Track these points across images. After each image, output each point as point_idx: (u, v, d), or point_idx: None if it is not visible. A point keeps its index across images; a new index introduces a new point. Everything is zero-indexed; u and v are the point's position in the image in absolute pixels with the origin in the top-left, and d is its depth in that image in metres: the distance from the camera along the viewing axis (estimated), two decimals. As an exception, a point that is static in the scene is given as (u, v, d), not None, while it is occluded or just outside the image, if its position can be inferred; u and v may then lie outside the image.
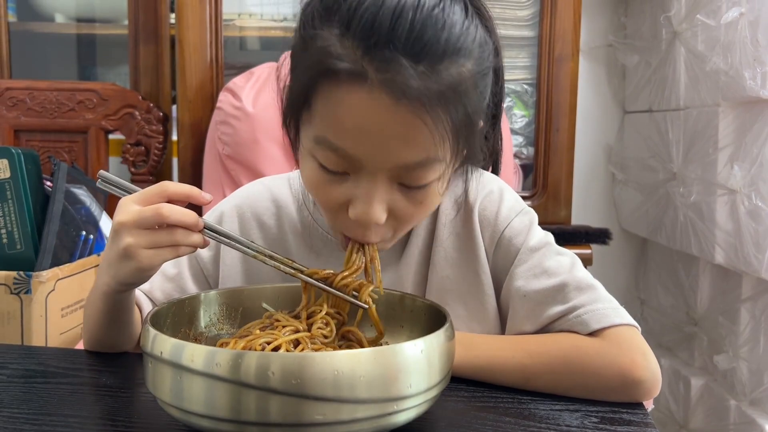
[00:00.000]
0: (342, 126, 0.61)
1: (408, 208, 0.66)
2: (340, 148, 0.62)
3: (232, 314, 0.73)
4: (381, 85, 0.58)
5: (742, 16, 1.37)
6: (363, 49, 0.59)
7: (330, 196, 0.66)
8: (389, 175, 0.64)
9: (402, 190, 0.65)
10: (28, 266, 1.17)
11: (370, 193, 0.63)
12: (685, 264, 1.75)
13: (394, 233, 0.69)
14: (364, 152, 0.62)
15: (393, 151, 0.61)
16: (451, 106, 0.60)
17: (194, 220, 0.64)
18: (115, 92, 1.67)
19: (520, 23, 1.69)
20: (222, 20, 1.60)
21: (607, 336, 0.69)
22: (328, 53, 0.60)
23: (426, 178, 0.64)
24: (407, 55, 0.58)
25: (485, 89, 0.66)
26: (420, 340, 0.55)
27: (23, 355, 0.81)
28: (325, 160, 0.64)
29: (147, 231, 0.63)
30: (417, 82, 0.58)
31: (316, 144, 0.64)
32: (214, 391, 0.51)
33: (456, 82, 0.60)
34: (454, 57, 0.60)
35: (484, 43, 0.65)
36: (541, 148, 1.66)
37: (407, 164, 0.62)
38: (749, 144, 1.40)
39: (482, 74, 0.64)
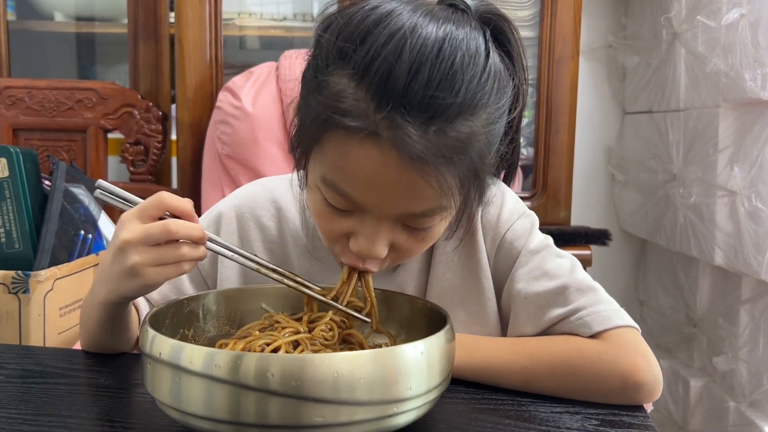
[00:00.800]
0: (350, 175, 0.61)
1: (409, 243, 0.66)
2: (348, 194, 0.62)
3: (231, 315, 0.72)
4: (391, 144, 0.58)
5: (742, 17, 1.37)
6: (375, 104, 0.58)
7: (333, 227, 0.66)
8: (395, 219, 0.64)
9: (405, 229, 0.65)
10: (27, 265, 1.17)
11: (373, 232, 0.64)
12: (685, 265, 1.75)
13: (391, 263, 0.69)
14: (371, 201, 0.62)
15: (400, 203, 0.62)
16: (458, 161, 0.60)
17: (200, 233, 0.63)
18: (114, 91, 1.67)
19: (521, 24, 1.68)
20: (222, 19, 1.60)
21: (609, 338, 0.69)
22: (339, 102, 0.59)
23: (431, 223, 0.65)
24: (420, 116, 0.57)
25: (499, 131, 0.65)
26: (420, 341, 0.54)
27: (21, 355, 0.80)
28: (332, 200, 0.64)
29: (152, 248, 0.62)
30: (426, 144, 0.57)
31: (323, 184, 0.64)
32: (213, 392, 0.51)
33: (466, 138, 0.60)
34: (467, 115, 0.59)
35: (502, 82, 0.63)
36: (540, 149, 1.66)
37: (412, 213, 0.63)
38: (749, 145, 1.40)
39: (495, 121, 0.63)
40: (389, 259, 0.68)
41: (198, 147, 1.57)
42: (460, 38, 0.60)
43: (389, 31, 0.58)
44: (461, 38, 0.60)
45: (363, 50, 0.58)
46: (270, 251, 0.81)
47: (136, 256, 0.61)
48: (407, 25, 0.59)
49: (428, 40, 0.58)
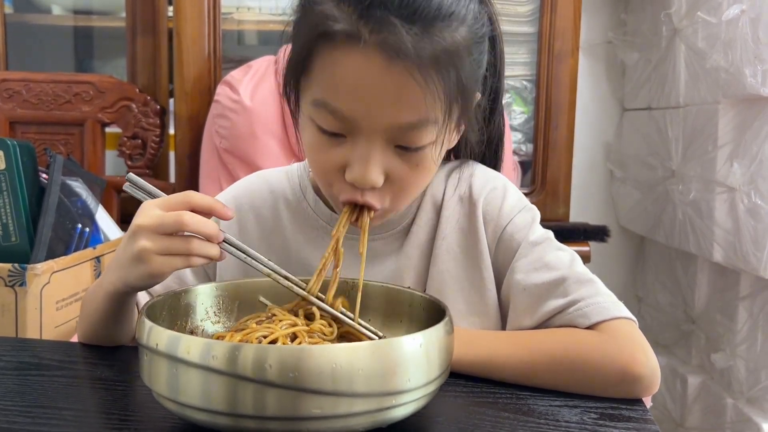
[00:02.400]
0: (338, 87, 0.63)
1: (405, 171, 0.67)
2: (337, 110, 0.64)
3: (228, 308, 0.72)
4: (375, 46, 0.61)
5: (743, 13, 1.37)
6: (358, 11, 0.61)
7: (328, 159, 0.68)
8: (385, 137, 0.65)
9: (398, 153, 0.67)
10: (23, 258, 1.16)
11: (366, 155, 0.65)
12: (684, 262, 1.75)
13: (391, 200, 0.70)
14: (360, 112, 0.64)
15: (387, 111, 0.63)
16: (443, 69, 0.62)
17: (214, 231, 0.64)
18: (112, 85, 1.66)
19: (520, 19, 1.68)
20: (220, 13, 1.59)
21: (607, 329, 0.69)
22: (324, 17, 0.63)
23: (421, 140, 0.66)
24: (400, 17, 0.61)
25: (480, 58, 0.69)
26: (419, 334, 0.54)
27: (17, 348, 0.80)
28: (323, 123, 0.66)
29: (164, 237, 0.62)
30: (409, 42, 0.60)
31: (314, 107, 0.66)
32: (210, 383, 0.51)
33: (449, 45, 0.63)
34: (446, 21, 0.63)
35: (478, 13, 0.67)
36: (540, 145, 1.65)
37: (401, 125, 0.64)
38: (749, 142, 1.39)
39: (476, 42, 0.67)
40: (388, 195, 0.69)
41: (196, 141, 1.56)
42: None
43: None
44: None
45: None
46: (266, 240, 0.82)
47: (146, 241, 0.62)
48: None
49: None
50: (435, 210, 0.80)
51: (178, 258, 0.63)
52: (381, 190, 0.68)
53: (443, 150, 0.70)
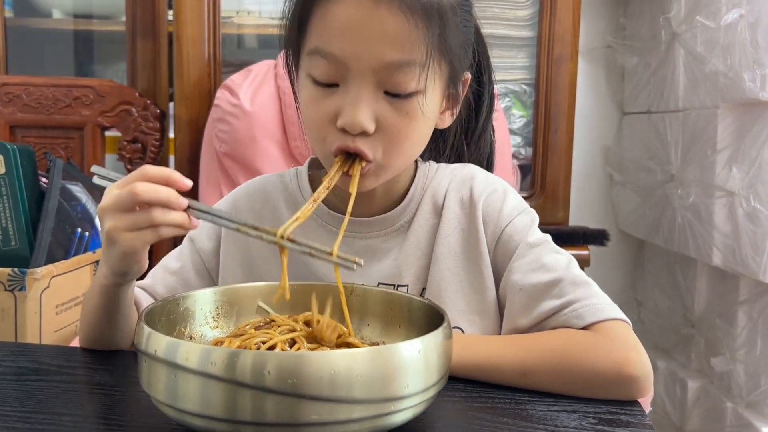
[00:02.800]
0: (330, 31, 0.69)
1: (395, 119, 0.70)
2: (329, 53, 0.69)
3: (227, 313, 0.72)
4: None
5: (741, 17, 1.37)
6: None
7: (321, 110, 0.71)
8: (374, 81, 0.69)
9: (387, 100, 0.70)
10: (23, 263, 1.17)
11: (356, 99, 0.69)
12: (683, 266, 1.75)
13: (383, 152, 0.72)
14: (350, 51, 0.68)
15: (374, 48, 0.68)
16: (428, 19, 0.68)
17: (169, 196, 0.63)
18: (112, 89, 1.67)
19: (519, 23, 1.68)
20: (220, 17, 1.59)
21: (601, 330, 0.70)
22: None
23: (406, 84, 0.69)
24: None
25: (466, 26, 0.75)
26: (417, 339, 0.54)
27: (16, 352, 0.80)
28: (316, 71, 0.70)
29: (126, 213, 0.63)
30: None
31: (309, 57, 0.71)
32: (209, 390, 0.51)
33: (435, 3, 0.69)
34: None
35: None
36: (539, 149, 1.66)
37: (387, 63, 0.68)
38: (748, 146, 1.40)
39: (462, 9, 0.73)
40: (380, 145, 0.71)
41: (196, 145, 1.56)
42: None
43: None
44: None
45: None
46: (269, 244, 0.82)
47: (110, 221, 0.64)
48: None
49: None
50: (435, 211, 0.81)
51: (146, 231, 0.63)
52: (372, 140, 0.70)
53: (434, 103, 0.74)
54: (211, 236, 0.84)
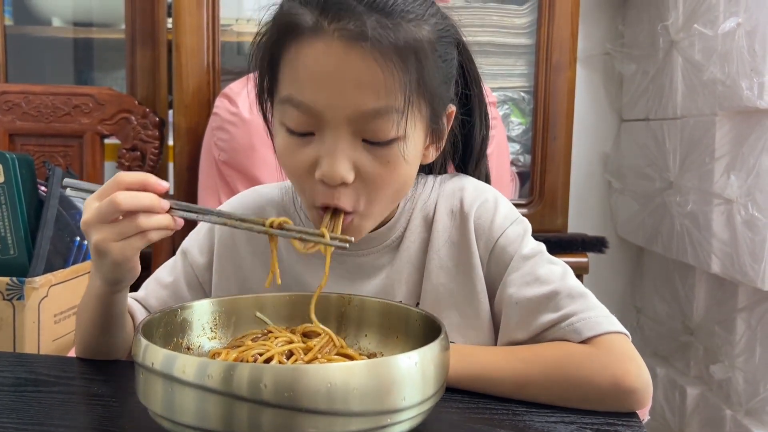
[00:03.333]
0: (302, 79, 0.66)
1: (375, 168, 0.68)
2: (302, 103, 0.66)
3: (225, 323, 0.72)
4: (336, 34, 0.64)
5: (739, 26, 1.37)
6: (320, 6, 0.65)
7: (298, 160, 0.69)
8: (351, 130, 0.66)
9: (366, 148, 0.68)
10: (21, 272, 1.17)
11: (333, 149, 0.66)
12: (682, 273, 1.75)
13: (365, 202, 0.70)
14: (323, 101, 0.65)
15: (348, 97, 0.65)
16: (403, 60, 0.65)
17: (151, 201, 0.64)
18: (111, 97, 1.67)
19: (518, 31, 1.69)
20: (219, 25, 1.60)
21: (599, 344, 0.69)
22: (288, 14, 0.67)
23: (385, 132, 0.66)
24: (360, 8, 0.64)
25: (447, 59, 0.72)
26: (414, 352, 0.54)
27: (14, 363, 0.80)
28: (291, 122, 0.68)
29: (110, 224, 0.63)
30: (369, 27, 0.63)
31: (281, 106, 0.69)
32: (205, 403, 0.51)
33: (410, 37, 0.65)
34: (408, 16, 0.66)
35: (441, 17, 0.71)
36: (538, 156, 1.66)
37: (363, 112, 0.65)
38: (746, 154, 1.40)
39: (441, 39, 0.70)
40: (362, 195, 0.69)
41: (195, 153, 1.56)
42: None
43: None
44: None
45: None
46: (261, 255, 0.82)
47: (97, 234, 0.64)
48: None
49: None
50: (426, 224, 0.80)
51: (134, 238, 0.64)
52: (353, 190, 0.68)
53: (416, 147, 0.71)
54: (204, 251, 0.83)
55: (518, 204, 1.65)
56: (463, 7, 1.72)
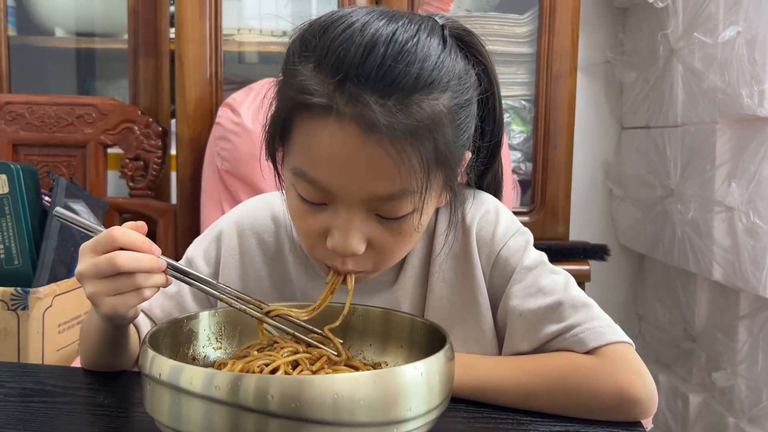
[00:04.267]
0: (315, 158, 0.63)
1: (387, 239, 0.67)
2: (315, 180, 0.64)
3: (230, 333, 0.72)
4: (350, 118, 0.60)
5: (739, 34, 1.38)
6: (335, 83, 0.61)
7: (310, 226, 0.68)
8: (365, 206, 0.65)
9: (380, 221, 0.66)
10: (26, 282, 1.17)
11: (347, 224, 0.65)
12: (683, 280, 1.75)
13: (374, 265, 0.70)
14: (337, 183, 0.63)
15: (364, 182, 0.63)
16: (419, 141, 0.61)
17: (152, 264, 0.64)
18: (114, 107, 1.68)
19: (519, 40, 1.69)
20: (222, 35, 1.60)
21: (604, 354, 0.69)
22: (302, 87, 0.62)
23: (400, 210, 0.65)
24: (376, 90, 0.60)
25: (466, 122, 0.67)
26: (420, 362, 0.54)
27: (20, 374, 0.80)
28: (303, 192, 0.66)
29: (107, 279, 0.63)
30: (383, 116, 0.59)
31: (294, 176, 0.66)
32: (212, 414, 0.51)
33: (427, 116, 0.62)
34: (425, 91, 0.62)
35: (465, 74, 0.67)
36: (539, 164, 1.66)
37: (379, 196, 0.63)
38: (747, 162, 1.40)
39: (461, 107, 0.66)
40: (371, 260, 0.68)
41: (198, 163, 1.57)
42: (414, 29, 0.64)
43: (347, 23, 0.63)
44: (414, 29, 0.64)
45: (323, 40, 0.63)
46: (270, 267, 0.82)
47: (91, 287, 0.63)
48: (362, 20, 0.63)
49: (380, 29, 0.62)
50: (428, 237, 0.80)
51: (130, 295, 0.64)
52: (363, 256, 0.67)
53: (429, 215, 0.70)
54: (210, 261, 0.82)
55: (519, 212, 1.65)
56: (465, 17, 1.73)
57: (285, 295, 0.81)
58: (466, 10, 1.77)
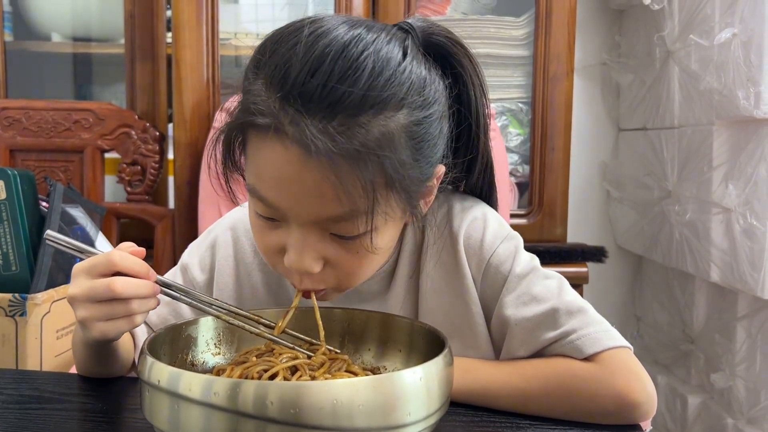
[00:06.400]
0: (264, 177, 0.62)
1: (344, 257, 0.65)
2: (265, 198, 0.63)
3: (229, 339, 0.72)
4: (292, 140, 0.58)
5: (735, 36, 1.39)
6: (279, 102, 0.59)
7: (268, 241, 0.67)
8: (317, 226, 0.63)
9: (335, 239, 0.64)
10: (24, 288, 1.17)
11: (300, 242, 0.63)
12: (681, 281, 1.76)
13: (337, 283, 0.68)
14: (285, 204, 0.62)
15: (310, 204, 0.61)
16: (364, 164, 0.58)
17: (148, 291, 0.63)
18: (111, 112, 1.68)
19: (515, 43, 1.70)
20: (219, 40, 1.60)
21: (601, 360, 0.69)
22: (251, 104, 0.61)
23: (351, 230, 0.63)
24: (319, 110, 0.58)
25: (429, 136, 0.64)
26: (419, 367, 0.54)
27: (18, 380, 0.80)
28: (258, 208, 0.65)
29: (100, 304, 0.62)
30: (322, 141, 0.57)
31: (249, 192, 0.65)
32: (211, 420, 0.51)
33: (374, 138, 0.59)
34: (374, 110, 0.59)
35: (428, 86, 0.63)
36: (536, 166, 1.66)
37: (326, 218, 0.62)
38: (743, 163, 1.41)
39: (419, 123, 0.62)
40: (331, 278, 0.67)
41: (195, 167, 1.57)
42: (368, 40, 0.60)
43: (298, 38, 0.60)
44: (369, 40, 0.60)
45: (273, 56, 0.61)
46: (265, 273, 0.82)
47: (83, 311, 0.63)
48: (318, 31, 0.60)
49: (334, 40, 0.59)
50: (416, 246, 0.78)
51: (122, 320, 0.63)
52: (324, 274, 0.66)
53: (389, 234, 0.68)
54: (205, 268, 0.82)
55: (517, 214, 1.66)
56: (461, 20, 1.74)
57: (281, 300, 0.81)
58: (462, 12, 1.77)
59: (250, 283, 0.81)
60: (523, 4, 1.69)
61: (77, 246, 0.66)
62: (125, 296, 0.62)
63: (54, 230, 1.21)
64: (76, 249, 0.66)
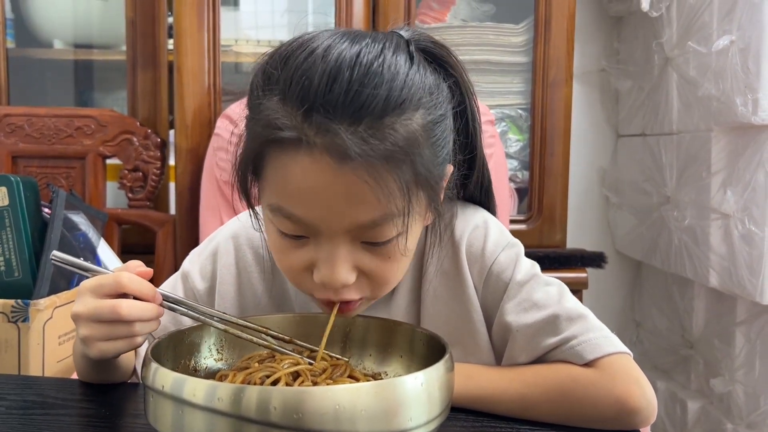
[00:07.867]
0: (291, 193, 0.61)
1: (376, 264, 0.65)
2: (294, 215, 0.62)
3: (231, 345, 0.73)
4: (322, 149, 0.59)
5: (732, 43, 1.39)
6: (302, 114, 0.59)
7: (293, 261, 0.66)
8: (349, 236, 0.63)
9: (365, 248, 0.64)
10: (26, 294, 1.17)
11: (332, 255, 0.63)
12: (680, 287, 1.76)
13: (372, 291, 0.68)
14: (316, 217, 0.62)
15: (344, 212, 0.61)
16: (397, 164, 0.60)
17: (152, 313, 0.64)
18: (113, 118, 1.68)
19: (515, 49, 1.71)
20: (220, 46, 1.61)
21: (602, 366, 0.69)
22: (270, 122, 0.60)
23: (385, 235, 0.63)
24: (345, 117, 0.58)
25: (443, 136, 0.66)
26: (420, 372, 0.55)
27: (22, 386, 0.80)
28: (283, 227, 0.64)
29: (103, 324, 0.63)
30: (356, 144, 0.58)
31: (271, 212, 0.64)
32: (215, 425, 0.52)
33: (401, 138, 0.60)
34: (397, 112, 0.60)
35: (436, 88, 0.65)
36: (535, 172, 1.67)
37: (362, 223, 0.62)
38: (742, 169, 1.41)
39: (435, 122, 0.64)
40: (366, 287, 0.67)
41: (196, 173, 1.58)
42: (377, 49, 0.62)
43: (308, 50, 0.61)
44: (379, 49, 0.62)
45: (285, 71, 0.61)
46: (267, 282, 0.82)
47: (86, 330, 0.63)
48: (324, 44, 0.61)
49: (343, 52, 0.60)
50: (418, 254, 0.78)
51: (123, 341, 0.64)
52: (358, 283, 0.66)
53: (416, 235, 0.68)
54: (206, 276, 0.82)
55: (517, 220, 1.66)
56: (460, 27, 1.75)
57: (283, 310, 0.81)
58: (462, 20, 1.78)
59: (252, 292, 0.82)
60: (523, 11, 1.70)
61: (83, 266, 0.66)
62: (130, 319, 0.62)
63: (56, 237, 1.22)
64: (82, 269, 0.66)
